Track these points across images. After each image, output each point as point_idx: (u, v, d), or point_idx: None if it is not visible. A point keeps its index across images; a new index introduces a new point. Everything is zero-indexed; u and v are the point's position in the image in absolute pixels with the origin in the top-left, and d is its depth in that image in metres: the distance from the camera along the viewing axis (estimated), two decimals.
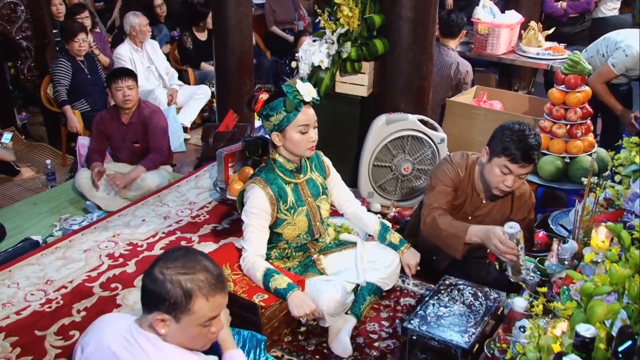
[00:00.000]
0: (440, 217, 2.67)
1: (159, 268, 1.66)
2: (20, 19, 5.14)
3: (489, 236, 2.46)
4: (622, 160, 2.63)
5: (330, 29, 3.71)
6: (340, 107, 3.91)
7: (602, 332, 1.44)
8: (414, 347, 2.30)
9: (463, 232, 2.58)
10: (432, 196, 2.78)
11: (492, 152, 2.65)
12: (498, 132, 2.65)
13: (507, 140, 2.57)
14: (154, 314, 1.65)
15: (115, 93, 4.12)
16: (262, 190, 2.58)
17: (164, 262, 1.67)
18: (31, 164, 4.98)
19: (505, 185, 2.64)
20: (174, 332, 1.67)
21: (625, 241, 1.63)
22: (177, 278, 1.63)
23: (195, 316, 1.65)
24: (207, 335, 1.71)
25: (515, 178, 2.62)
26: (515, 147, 2.55)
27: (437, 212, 2.70)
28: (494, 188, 2.69)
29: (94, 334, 1.75)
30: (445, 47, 4.75)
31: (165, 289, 1.62)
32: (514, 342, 1.84)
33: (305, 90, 2.51)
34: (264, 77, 6.68)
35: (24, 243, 3.53)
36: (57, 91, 4.94)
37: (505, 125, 2.64)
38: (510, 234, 2.38)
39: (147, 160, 4.16)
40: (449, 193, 2.78)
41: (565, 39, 5.87)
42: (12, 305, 2.92)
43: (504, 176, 2.62)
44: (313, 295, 2.52)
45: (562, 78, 3.57)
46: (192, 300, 1.63)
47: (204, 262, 1.69)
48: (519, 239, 2.39)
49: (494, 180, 2.66)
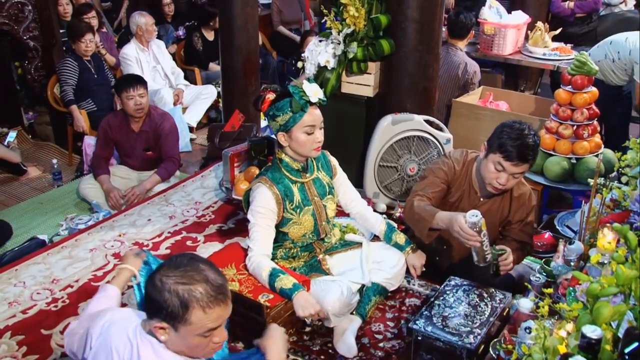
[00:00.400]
0: (417, 201, 2.69)
1: (159, 275, 1.63)
2: (28, 19, 5.16)
3: (452, 223, 2.47)
4: (628, 161, 2.61)
5: (336, 29, 3.72)
6: (346, 107, 3.91)
7: (608, 333, 1.44)
8: (419, 348, 2.30)
9: (431, 217, 2.58)
10: (420, 184, 2.82)
11: (489, 147, 2.65)
12: (498, 128, 2.65)
13: (505, 137, 2.56)
14: (154, 321, 1.64)
15: (126, 102, 4.00)
16: (269, 189, 2.58)
17: (165, 270, 1.64)
18: (38, 164, 5.00)
19: (498, 183, 2.63)
20: (173, 340, 1.65)
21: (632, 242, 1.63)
22: (175, 288, 1.59)
23: (193, 327, 1.61)
24: (209, 345, 1.67)
25: (508, 176, 2.60)
26: (511, 144, 2.54)
27: (418, 197, 2.72)
28: (487, 185, 2.68)
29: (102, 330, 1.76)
30: (454, 47, 4.75)
31: (163, 297, 1.59)
32: (520, 343, 1.84)
33: (311, 91, 2.51)
34: (270, 77, 6.69)
35: (30, 242, 3.55)
36: (64, 91, 4.96)
37: (506, 123, 2.64)
38: (472, 222, 2.41)
39: (162, 170, 4.14)
40: (438, 185, 2.78)
41: (572, 40, 5.85)
42: (18, 304, 2.93)
43: (498, 173, 2.61)
44: (318, 295, 2.52)
45: (568, 79, 3.57)
46: (189, 311, 1.59)
47: (206, 272, 1.64)
48: (480, 227, 2.42)
49: (487, 176, 2.66)
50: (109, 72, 5.28)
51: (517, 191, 2.80)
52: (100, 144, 4.17)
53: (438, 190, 2.78)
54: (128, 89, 3.97)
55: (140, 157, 4.22)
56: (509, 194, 2.80)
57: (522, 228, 2.83)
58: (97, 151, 4.19)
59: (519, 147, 2.53)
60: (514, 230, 2.84)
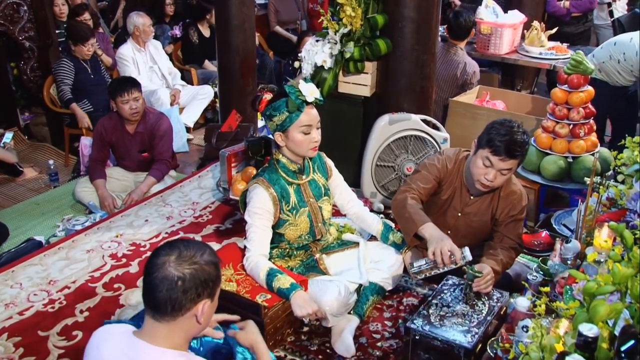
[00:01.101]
0: (411, 200, 2.69)
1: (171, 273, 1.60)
2: (23, 19, 5.15)
3: (440, 240, 2.49)
4: (624, 159, 2.62)
5: (333, 29, 3.71)
6: (343, 107, 3.92)
7: (604, 331, 1.44)
8: (417, 347, 2.30)
9: (420, 222, 2.59)
10: (413, 177, 2.83)
11: (479, 143, 2.66)
12: (488, 125, 2.66)
13: (494, 132, 2.57)
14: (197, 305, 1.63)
15: (121, 106, 3.96)
16: (265, 190, 2.58)
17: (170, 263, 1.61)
18: (34, 165, 4.99)
19: (486, 179, 2.62)
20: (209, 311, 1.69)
21: (628, 241, 1.63)
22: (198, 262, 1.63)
23: None
24: None
25: (496, 172, 2.60)
26: (500, 139, 2.54)
27: (412, 194, 2.72)
28: (476, 181, 2.68)
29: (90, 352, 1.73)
30: (454, 47, 4.75)
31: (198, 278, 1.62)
32: (517, 341, 1.84)
33: (307, 91, 2.51)
34: (267, 77, 6.69)
35: (27, 243, 3.54)
36: (62, 90, 4.95)
37: (497, 121, 2.66)
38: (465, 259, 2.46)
39: (155, 171, 4.12)
40: (430, 181, 2.78)
41: (568, 39, 5.86)
42: (15, 305, 2.92)
43: (486, 169, 2.61)
44: (316, 295, 2.52)
45: (564, 78, 3.57)
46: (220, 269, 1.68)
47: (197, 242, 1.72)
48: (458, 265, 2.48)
49: (476, 172, 2.66)
50: (106, 72, 5.27)
51: (506, 190, 2.77)
52: (96, 147, 4.15)
53: (429, 187, 2.79)
54: (122, 94, 3.92)
55: (136, 159, 4.21)
56: (497, 193, 2.79)
57: (509, 226, 2.78)
58: (93, 154, 4.17)
59: (507, 143, 2.54)
60: (500, 228, 2.80)
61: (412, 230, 2.61)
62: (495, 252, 2.67)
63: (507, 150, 2.54)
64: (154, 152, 4.17)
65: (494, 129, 2.59)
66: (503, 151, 2.55)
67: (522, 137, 2.56)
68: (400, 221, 2.73)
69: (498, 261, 2.62)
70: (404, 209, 2.67)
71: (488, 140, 2.58)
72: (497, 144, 2.55)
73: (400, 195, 2.74)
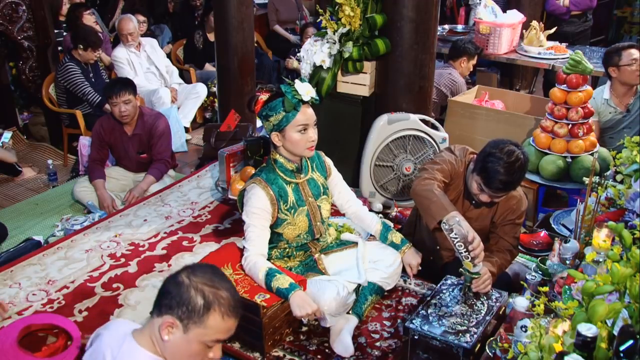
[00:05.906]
0: (439, 188, 2.60)
1: (186, 274, 1.67)
2: (22, 19, 5.15)
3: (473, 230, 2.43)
4: (623, 159, 2.62)
5: (332, 29, 3.72)
6: (341, 106, 3.92)
7: (603, 331, 1.44)
8: (416, 347, 2.30)
9: (451, 208, 2.49)
10: (434, 168, 2.71)
11: (475, 165, 2.62)
12: (487, 149, 2.58)
13: (490, 165, 2.51)
14: (165, 317, 1.65)
15: (112, 108, 3.99)
16: (263, 190, 2.58)
17: (192, 270, 1.69)
18: (33, 164, 4.99)
19: (480, 199, 2.65)
20: (176, 341, 1.65)
21: (627, 241, 1.63)
22: (202, 287, 1.64)
23: (204, 331, 1.64)
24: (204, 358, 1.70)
25: (491, 197, 2.61)
26: (494, 176, 2.50)
27: (437, 183, 2.62)
28: (473, 194, 2.70)
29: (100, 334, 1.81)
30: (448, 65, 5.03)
31: (188, 293, 1.63)
32: (516, 341, 1.84)
33: (303, 90, 2.51)
34: (266, 77, 6.69)
35: (26, 243, 3.54)
36: (87, 94, 4.87)
37: (496, 145, 2.56)
38: None
39: (154, 170, 4.13)
40: (447, 176, 2.72)
41: (567, 39, 5.86)
42: (13, 305, 2.92)
43: (481, 192, 2.62)
44: (314, 295, 2.52)
45: (563, 78, 3.57)
46: (209, 313, 1.63)
47: (229, 284, 1.72)
48: None
49: (472, 189, 2.68)
50: (104, 72, 5.26)
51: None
52: (95, 147, 4.15)
53: (445, 182, 2.71)
54: (112, 96, 3.92)
55: (135, 160, 4.20)
56: None
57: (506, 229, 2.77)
58: (93, 154, 4.16)
59: (502, 181, 2.50)
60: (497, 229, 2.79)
61: (439, 215, 2.48)
62: (490, 255, 2.67)
63: (501, 187, 2.53)
64: (153, 152, 4.16)
65: (492, 161, 2.51)
66: (496, 188, 2.54)
67: (518, 175, 2.53)
68: (424, 202, 2.59)
69: (493, 262, 2.61)
70: (432, 192, 2.56)
71: (483, 169, 2.54)
72: (492, 181, 2.52)
73: (425, 180, 2.63)
